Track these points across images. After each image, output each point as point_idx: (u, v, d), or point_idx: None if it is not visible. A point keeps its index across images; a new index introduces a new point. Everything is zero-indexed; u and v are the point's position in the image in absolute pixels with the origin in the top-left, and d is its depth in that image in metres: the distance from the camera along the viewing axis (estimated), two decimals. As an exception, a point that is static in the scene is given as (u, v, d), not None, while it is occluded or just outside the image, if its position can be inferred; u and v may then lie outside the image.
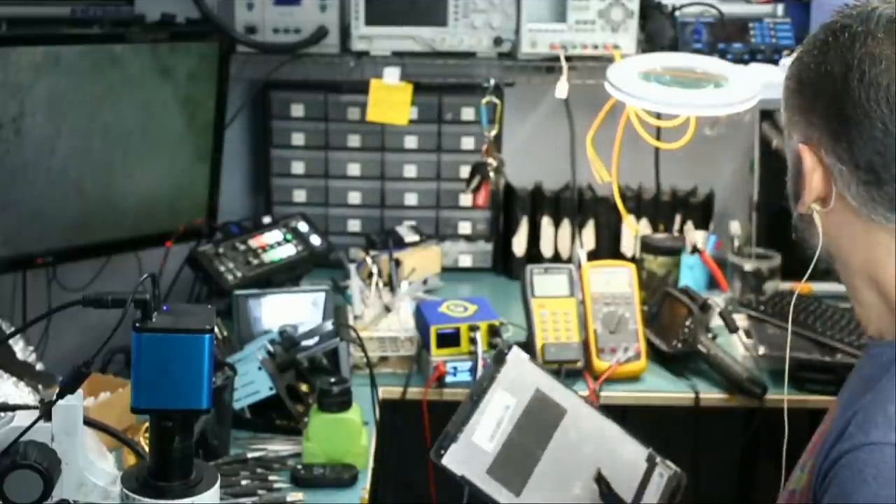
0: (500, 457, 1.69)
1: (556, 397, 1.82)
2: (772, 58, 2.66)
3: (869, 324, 1.30)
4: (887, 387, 1.19)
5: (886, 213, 1.22)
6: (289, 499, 1.95)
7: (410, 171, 2.96)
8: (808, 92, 1.26)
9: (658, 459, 1.87)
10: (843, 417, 1.21)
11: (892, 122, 1.17)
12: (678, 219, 2.94)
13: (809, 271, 1.33)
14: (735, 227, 2.83)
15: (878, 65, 1.18)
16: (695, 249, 2.75)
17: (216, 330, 1.48)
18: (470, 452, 1.67)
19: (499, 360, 1.79)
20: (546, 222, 2.94)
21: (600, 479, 1.74)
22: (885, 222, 1.22)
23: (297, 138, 2.94)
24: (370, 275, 2.62)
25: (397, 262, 2.69)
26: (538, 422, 1.77)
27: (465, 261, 3.01)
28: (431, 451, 1.68)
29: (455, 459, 1.65)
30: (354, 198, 2.97)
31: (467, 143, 2.94)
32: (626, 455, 1.83)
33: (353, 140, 2.94)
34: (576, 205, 2.94)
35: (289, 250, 2.70)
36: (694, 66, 2.51)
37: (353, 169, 2.96)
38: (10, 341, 2.23)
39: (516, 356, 1.82)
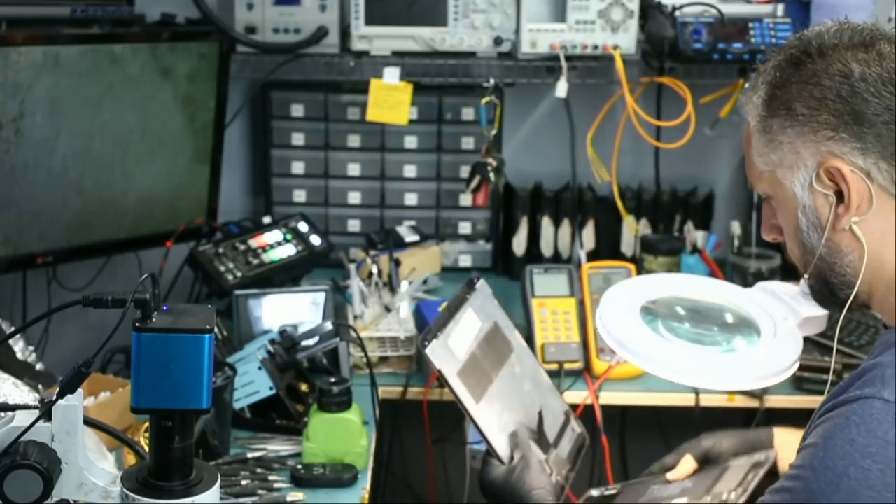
0: (467, 365, 1.79)
1: (508, 335, 1.96)
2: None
3: (893, 322, 1.36)
4: (890, 359, 1.26)
5: None
6: (289, 499, 1.95)
7: (410, 171, 2.96)
8: (809, 113, 1.31)
9: (572, 417, 2.00)
10: (842, 386, 1.29)
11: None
12: (678, 219, 2.95)
13: (851, 299, 1.36)
14: (735, 227, 2.83)
15: (872, 65, 1.28)
16: (695, 249, 2.75)
17: (216, 330, 1.48)
18: (446, 352, 1.76)
19: (470, 285, 1.93)
20: (546, 222, 2.94)
21: (540, 416, 1.86)
22: None
23: (297, 138, 2.94)
24: (370, 275, 2.62)
25: (397, 262, 2.69)
26: (494, 349, 1.90)
27: (465, 261, 3.01)
28: (419, 340, 1.82)
29: (435, 354, 1.73)
30: (354, 198, 2.97)
31: (467, 143, 2.94)
32: (551, 404, 1.95)
33: (353, 140, 2.94)
34: (576, 205, 2.94)
35: (289, 250, 2.70)
36: (710, 301, 1.80)
37: (353, 169, 2.96)
38: (10, 341, 2.24)
39: (483, 287, 1.95)
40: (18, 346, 2.26)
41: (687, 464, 1.83)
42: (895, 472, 1.19)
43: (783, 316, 1.71)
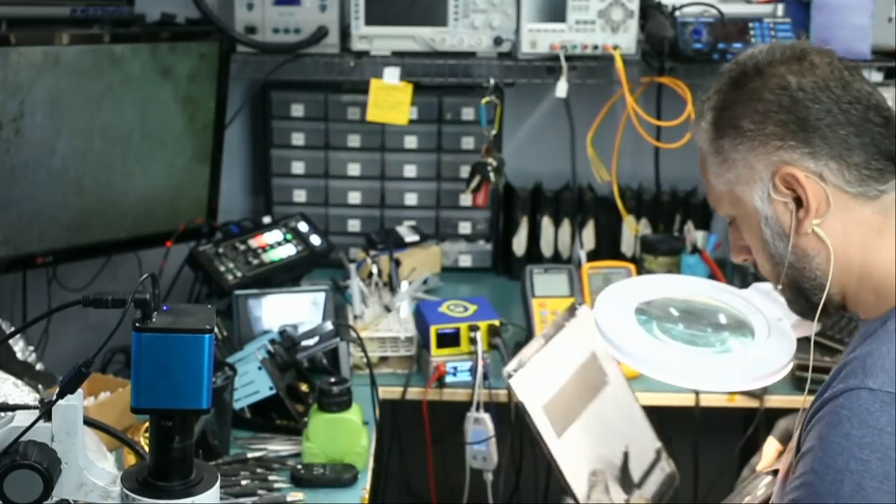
0: (556, 398, 1.77)
1: (605, 365, 1.92)
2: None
3: (869, 316, 1.38)
4: (867, 349, 1.30)
5: (878, 186, 1.35)
6: (289, 499, 1.95)
7: (410, 171, 2.96)
8: (756, 127, 1.37)
9: (664, 455, 1.97)
10: (826, 383, 1.32)
11: (836, 107, 1.35)
12: (678, 219, 2.95)
13: (825, 301, 1.39)
14: (735, 227, 2.83)
15: (806, 74, 1.36)
16: (695, 249, 2.75)
17: (216, 330, 1.48)
18: (534, 383, 1.75)
19: (571, 312, 1.91)
20: (546, 222, 2.94)
21: (626, 455, 1.85)
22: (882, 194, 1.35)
23: (297, 138, 2.94)
24: (370, 275, 2.62)
25: (397, 262, 2.69)
26: (586, 381, 1.87)
27: (465, 261, 3.01)
28: (505, 368, 1.75)
29: (521, 385, 1.72)
30: (354, 198, 2.97)
31: (467, 143, 2.94)
32: (642, 441, 1.94)
33: (353, 140, 2.94)
34: (576, 205, 2.94)
35: (289, 250, 2.70)
36: (704, 302, 1.78)
37: (353, 169, 2.96)
38: (10, 341, 2.24)
39: (584, 314, 1.93)
40: (18, 346, 2.26)
41: (771, 448, 1.76)
42: (894, 459, 1.21)
43: (777, 316, 1.71)
